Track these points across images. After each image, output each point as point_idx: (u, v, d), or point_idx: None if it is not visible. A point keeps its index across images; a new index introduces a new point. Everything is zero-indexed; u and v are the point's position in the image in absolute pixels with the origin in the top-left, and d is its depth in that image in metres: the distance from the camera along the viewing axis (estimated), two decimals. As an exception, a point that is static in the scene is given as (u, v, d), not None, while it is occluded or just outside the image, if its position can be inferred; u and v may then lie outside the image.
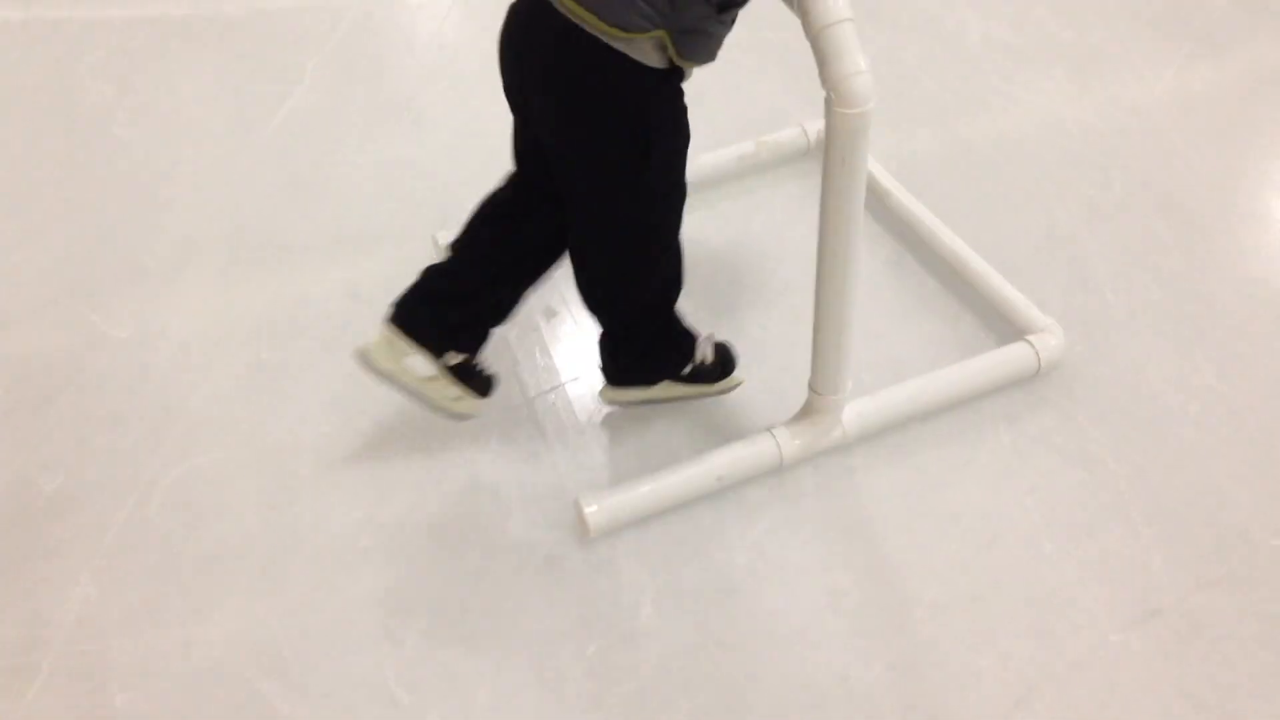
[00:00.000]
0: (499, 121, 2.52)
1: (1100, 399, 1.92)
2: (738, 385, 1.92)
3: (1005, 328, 2.01)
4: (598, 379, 1.89)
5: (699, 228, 1.86)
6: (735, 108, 2.48)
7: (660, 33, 1.43)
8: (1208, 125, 2.45)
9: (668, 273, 1.73)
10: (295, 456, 1.87)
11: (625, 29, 1.42)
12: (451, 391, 1.75)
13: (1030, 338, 1.95)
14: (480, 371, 1.80)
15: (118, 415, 1.95)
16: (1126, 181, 2.31)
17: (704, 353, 1.85)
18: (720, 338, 1.90)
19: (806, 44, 1.39)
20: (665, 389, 1.87)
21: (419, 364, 1.70)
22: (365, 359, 1.70)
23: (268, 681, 1.59)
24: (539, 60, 1.52)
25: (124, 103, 2.67)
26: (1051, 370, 1.95)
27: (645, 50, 1.46)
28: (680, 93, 1.55)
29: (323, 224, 2.32)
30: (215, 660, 1.61)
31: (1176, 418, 1.89)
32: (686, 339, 1.83)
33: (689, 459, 1.79)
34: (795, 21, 1.40)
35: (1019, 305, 2.02)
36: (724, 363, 1.89)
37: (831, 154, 1.47)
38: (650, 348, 1.82)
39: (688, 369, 1.85)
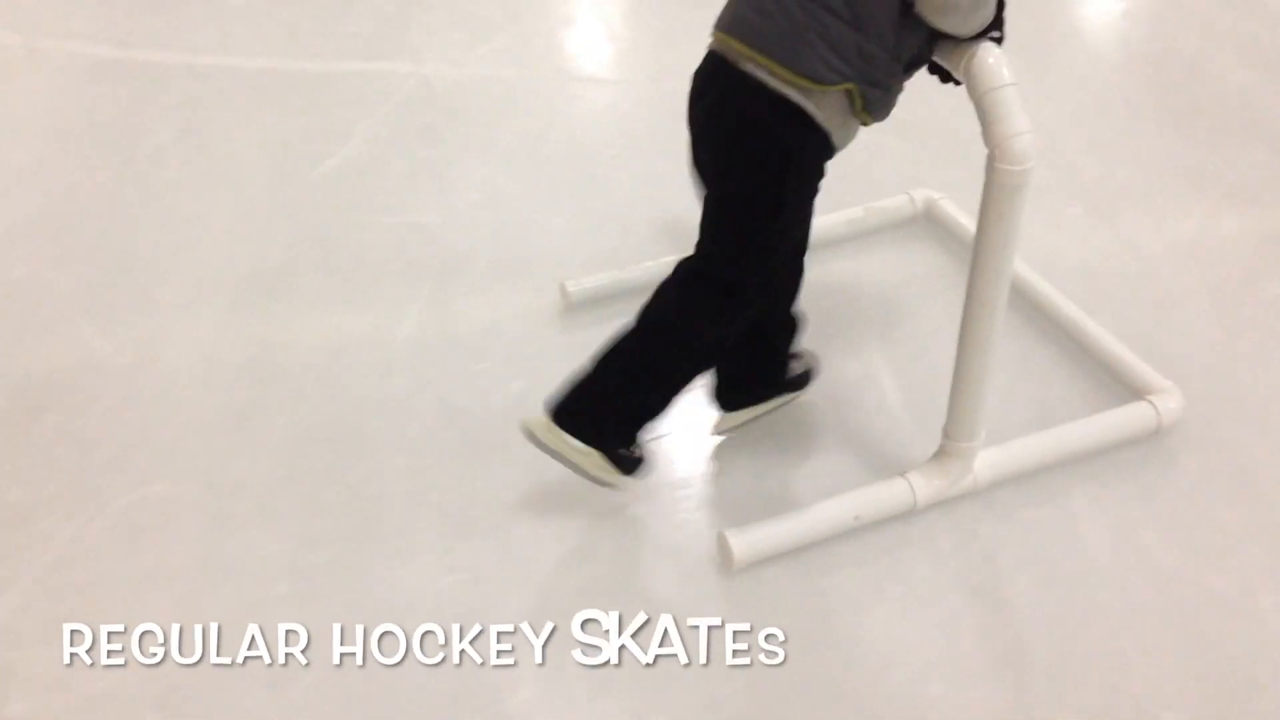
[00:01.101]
0: (519, 201, 2.64)
1: (1029, 544, 1.89)
2: (812, 385, 2.09)
3: (1122, 388, 2.10)
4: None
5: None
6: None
7: (850, 85, 1.57)
8: (1213, 280, 2.40)
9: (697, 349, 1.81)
10: (240, 496, 1.98)
11: (817, 80, 1.55)
12: (603, 464, 1.82)
13: (1151, 398, 2.03)
14: (632, 455, 1.86)
15: (93, 436, 2.09)
16: (1106, 329, 2.27)
17: (803, 361, 2.07)
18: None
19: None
20: (770, 403, 2.05)
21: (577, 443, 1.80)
22: (529, 434, 1.80)
23: (155, 714, 1.67)
24: (716, 115, 1.67)
25: (181, 145, 2.87)
26: (1171, 430, 2.02)
27: (831, 104, 1.59)
28: (820, 171, 1.71)
29: (329, 279, 2.45)
30: (116, 683, 1.70)
31: (1102, 575, 1.85)
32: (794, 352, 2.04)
33: (823, 499, 1.89)
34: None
35: (1137, 367, 2.10)
36: (811, 368, 2.08)
37: (989, 209, 1.62)
38: (772, 369, 2.01)
39: (788, 375, 2.04)
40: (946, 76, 1.67)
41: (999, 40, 1.57)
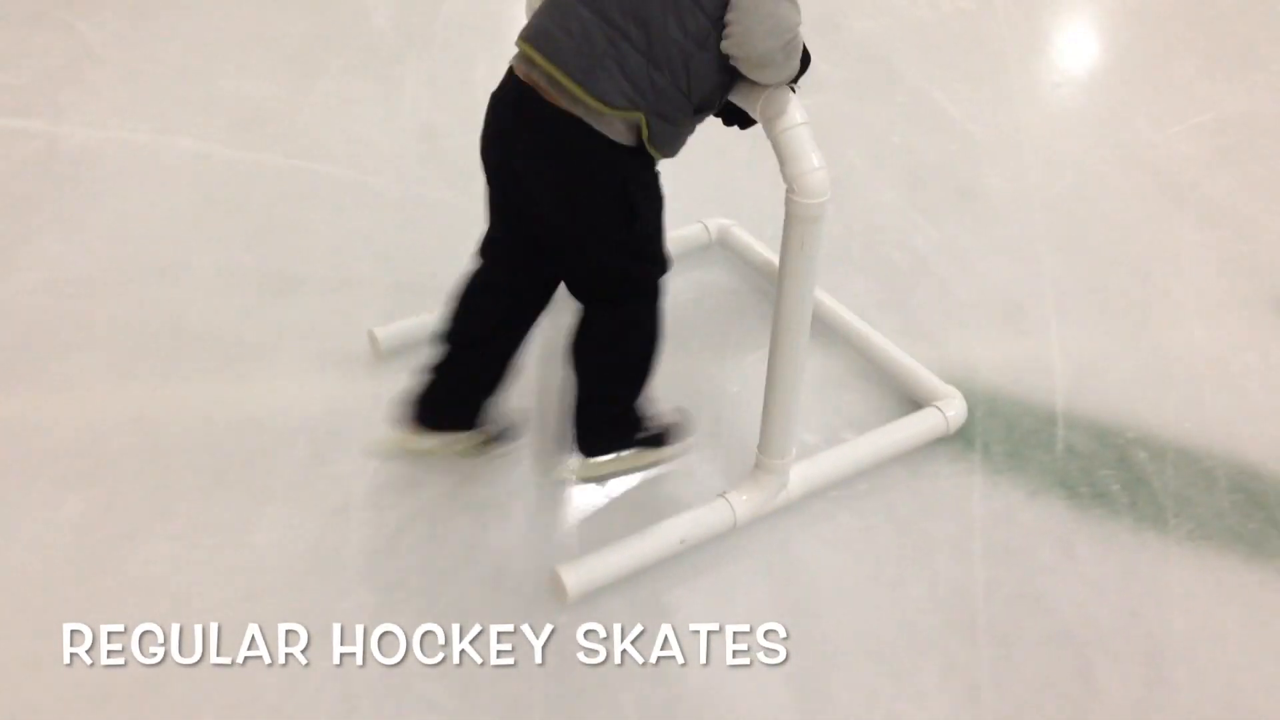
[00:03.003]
0: (80, 285, 2.50)
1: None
2: (688, 449, 2.15)
3: (907, 398, 2.28)
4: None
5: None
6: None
7: (638, 114, 1.63)
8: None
9: (653, 333, 1.93)
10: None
11: (606, 103, 1.61)
12: (646, 456, 2.09)
13: (938, 404, 2.21)
14: (660, 427, 2.08)
15: None
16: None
17: (668, 418, 2.11)
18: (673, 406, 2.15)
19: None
20: (634, 456, 2.09)
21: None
22: (580, 479, 2.08)
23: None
24: (526, 141, 1.70)
25: None
26: (957, 431, 2.20)
27: (618, 129, 1.64)
28: (654, 174, 1.77)
29: None
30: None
31: None
32: (653, 406, 2.07)
33: (650, 525, 1.97)
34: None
35: (923, 377, 2.28)
36: (681, 427, 2.12)
37: (790, 240, 1.70)
38: (627, 412, 2.03)
39: (653, 433, 2.08)
40: (731, 120, 1.80)
41: (793, 87, 1.67)
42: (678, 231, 2.61)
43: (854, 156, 3.08)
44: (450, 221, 2.79)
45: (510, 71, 1.73)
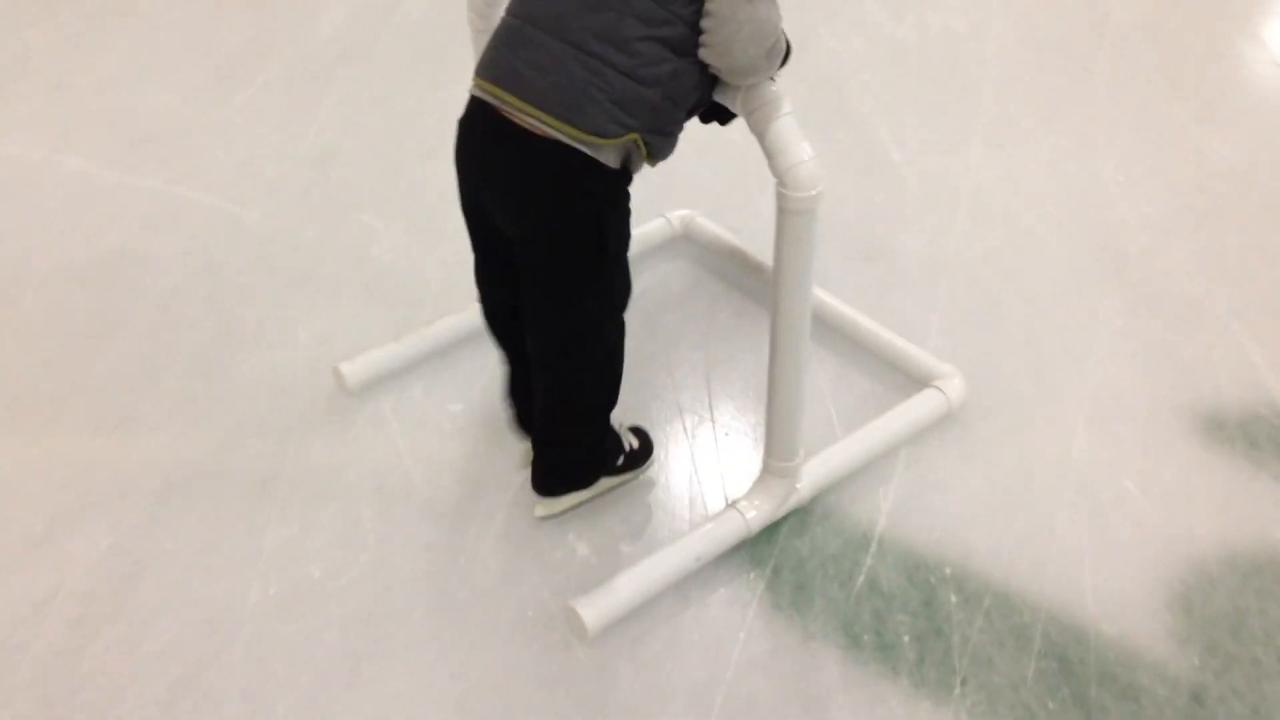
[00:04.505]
0: None
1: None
2: (652, 463, 2.09)
3: (904, 380, 2.24)
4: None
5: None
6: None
7: (634, 136, 1.57)
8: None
9: (615, 369, 1.87)
10: None
11: (601, 135, 1.54)
12: (612, 481, 2.03)
13: (937, 384, 2.17)
14: (629, 453, 2.03)
15: None
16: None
17: (629, 440, 2.04)
18: (628, 423, 2.10)
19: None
20: (599, 486, 2.01)
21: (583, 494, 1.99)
22: (545, 518, 1.99)
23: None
24: (501, 169, 1.62)
25: None
26: (960, 410, 2.16)
27: (615, 153, 1.58)
28: (628, 193, 1.69)
29: None
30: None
31: None
32: (614, 434, 2.00)
33: (660, 545, 1.92)
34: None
35: (918, 357, 2.24)
36: (645, 445, 2.07)
37: (784, 236, 1.65)
38: (593, 449, 1.96)
39: (620, 460, 2.01)
40: (709, 118, 1.72)
41: (773, 78, 1.60)
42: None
43: (762, 205, 2.78)
44: (305, 265, 2.64)
45: (474, 97, 1.64)
